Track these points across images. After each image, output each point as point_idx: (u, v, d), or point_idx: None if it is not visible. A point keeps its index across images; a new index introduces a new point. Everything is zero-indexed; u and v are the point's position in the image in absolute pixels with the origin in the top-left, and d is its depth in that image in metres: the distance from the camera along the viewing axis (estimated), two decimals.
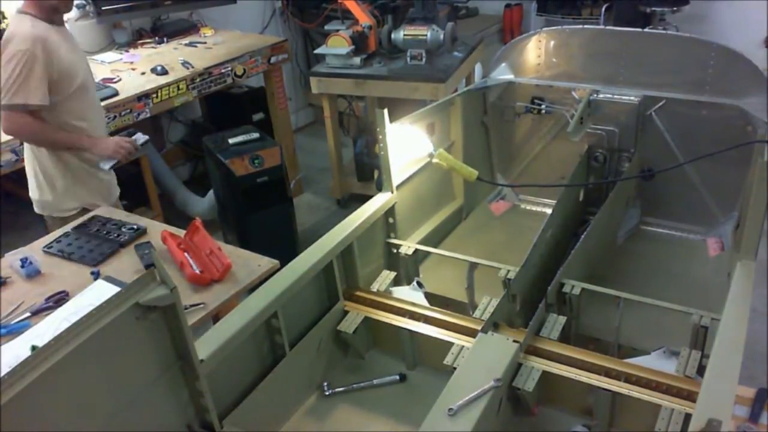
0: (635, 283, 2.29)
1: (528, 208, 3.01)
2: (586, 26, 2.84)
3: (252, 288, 1.97)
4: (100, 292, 1.93)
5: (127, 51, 3.64)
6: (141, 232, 2.27)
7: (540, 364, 1.78)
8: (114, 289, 1.93)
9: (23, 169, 2.67)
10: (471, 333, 1.88)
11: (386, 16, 3.76)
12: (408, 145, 2.29)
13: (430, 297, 2.14)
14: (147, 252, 2.14)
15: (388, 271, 2.24)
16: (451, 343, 1.89)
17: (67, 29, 2.45)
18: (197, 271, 2.00)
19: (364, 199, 2.30)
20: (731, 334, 1.63)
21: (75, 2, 3.49)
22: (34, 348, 1.60)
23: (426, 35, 3.47)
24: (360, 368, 2.10)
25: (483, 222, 2.89)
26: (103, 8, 3.51)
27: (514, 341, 1.75)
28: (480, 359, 1.70)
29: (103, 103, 2.90)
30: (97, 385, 1.27)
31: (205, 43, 3.79)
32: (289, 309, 1.84)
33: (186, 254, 2.08)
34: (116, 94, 3.00)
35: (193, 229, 2.17)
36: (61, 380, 1.17)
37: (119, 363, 1.31)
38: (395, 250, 2.31)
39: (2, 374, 1.09)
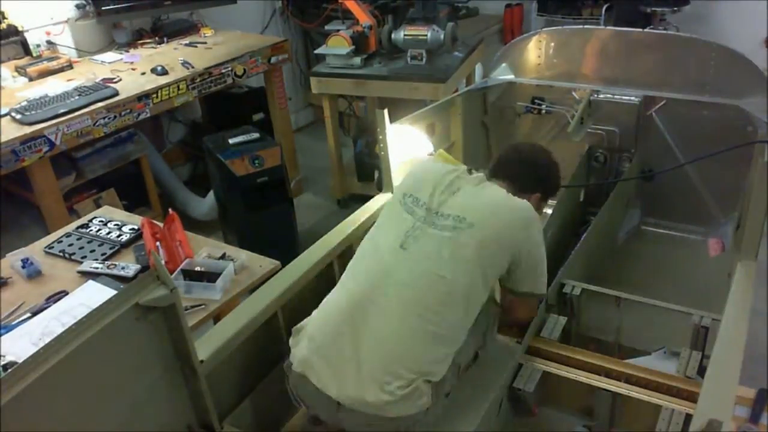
0: (636, 284, 2.29)
1: None
2: (586, 26, 2.84)
3: (253, 288, 1.97)
4: (91, 292, 1.93)
5: (127, 51, 3.64)
6: (141, 232, 2.27)
7: (540, 365, 1.78)
8: (105, 290, 1.93)
9: (23, 169, 2.67)
10: None
11: (386, 16, 3.75)
12: (408, 145, 2.28)
13: None
14: (143, 253, 2.14)
15: None
16: None
17: None
18: (162, 261, 2.03)
19: (365, 199, 2.29)
20: (732, 335, 1.63)
21: (75, 2, 3.53)
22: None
23: (426, 35, 3.47)
24: None
25: None
26: (103, 8, 3.50)
27: (515, 341, 1.75)
28: (480, 359, 1.70)
29: (102, 104, 2.91)
30: (97, 386, 1.27)
31: (205, 43, 3.78)
32: (289, 309, 1.84)
33: (158, 243, 2.13)
34: (116, 94, 3.00)
35: (170, 219, 2.23)
36: (61, 381, 1.16)
37: (119, 364, 1.31)
38: None
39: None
